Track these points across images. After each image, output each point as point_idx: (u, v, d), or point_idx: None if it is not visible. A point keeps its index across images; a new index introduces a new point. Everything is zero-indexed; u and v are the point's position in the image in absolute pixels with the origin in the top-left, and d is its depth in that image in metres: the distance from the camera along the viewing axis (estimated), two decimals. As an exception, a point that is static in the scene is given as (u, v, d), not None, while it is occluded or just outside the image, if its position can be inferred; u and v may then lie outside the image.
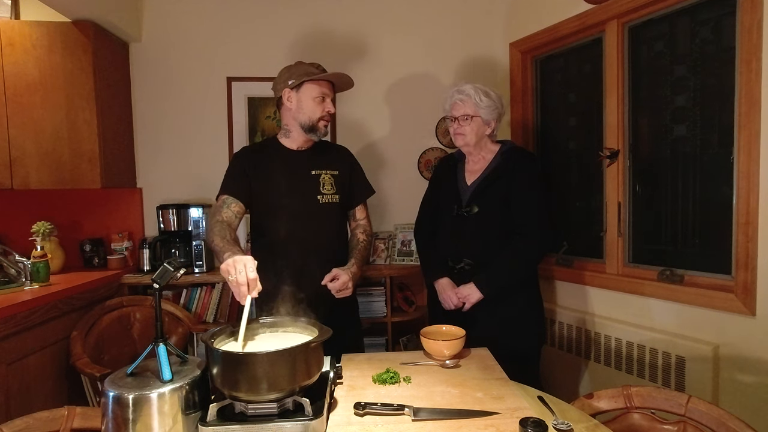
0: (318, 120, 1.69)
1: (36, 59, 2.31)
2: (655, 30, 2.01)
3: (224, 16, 2.72)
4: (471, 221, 1.81)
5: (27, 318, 1.86)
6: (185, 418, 0.98)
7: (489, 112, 1.82)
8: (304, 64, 1.71)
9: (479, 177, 1.86)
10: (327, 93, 1.69)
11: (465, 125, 1.82)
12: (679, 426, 1.18)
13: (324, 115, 1.69)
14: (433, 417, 1.05)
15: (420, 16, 2.79)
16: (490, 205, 1.80)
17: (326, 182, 1.73)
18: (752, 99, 1.62)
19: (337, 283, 1.57)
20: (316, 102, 1.67)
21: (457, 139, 1.87)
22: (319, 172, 1.73)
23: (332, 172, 1.75)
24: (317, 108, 1.68)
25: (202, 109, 2.74)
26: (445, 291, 1.82)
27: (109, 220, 2.70)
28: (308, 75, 1.66)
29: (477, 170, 1.89)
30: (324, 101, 1.69)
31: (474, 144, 1.85)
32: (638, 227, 2.12)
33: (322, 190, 1.72)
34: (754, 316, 1.65)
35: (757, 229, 1.63)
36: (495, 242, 1.79)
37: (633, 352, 1.97)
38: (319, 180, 1.73)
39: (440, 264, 1.89)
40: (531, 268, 1.84)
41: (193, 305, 2.55)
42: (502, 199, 1.79)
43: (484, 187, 1.82)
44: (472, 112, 1.81)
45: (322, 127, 1.70)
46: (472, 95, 1.81)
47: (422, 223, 2.05)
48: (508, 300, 1.78)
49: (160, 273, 1.05)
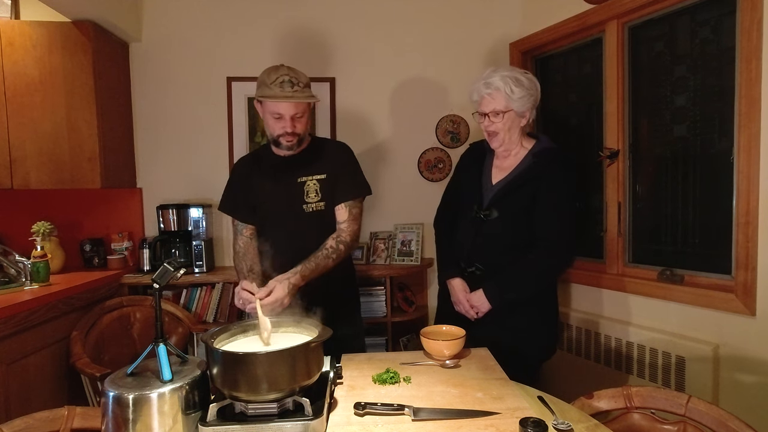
0: (278, 137, 1.60)
1: (36, 59, 2.31)
2: (655, 30, 2.01)
3: (224, 16, 2.72)
4: (488, 226, 1.69)
5: (27, 318, 1.86)
6: (185, 418, 0.98)
7: (523, 102, 1.64)
8: (269, 73, 1.55)
9: (506, 178, 1.71)
10: (284, 111, 1.55)
11: (497, 121, 1.65)
12: (679, 426, 1.18)
13: (282, 133, 1.58)
14: (433, 417, 1.05)
15: (420, 15, 2.79)
16: (510, 212, 1.67)
17: (311, 189, 1.65)
18: (752, 99, 1.62)
19: (268, 299, 1.37)
20: (274, 119, 1.58)
21: (492, 141, 1.71)
22: (305, 179, 1.66)
23: (319, 176, 1.66)
24: (275, 125, 1.58)
25: (202, 109, 2.74)
26: (457, 294, 1.74)
27: (109, 220, 2.70)
28: (261, 92, 1.55)
29: (506, 167, 1.73)
30: (281, 119, 1.56)
31: (509, 140, 1.69)
32: (638, 227, 2.12)
33: (307, 199, 1.64)
34: (754, 316, 1.65)
35: (757, 229, 1.63)
36: (510, 251, 1.67)
37: (633, 352, 1.97)
38: (304, 188, 1.65)
39: (455, 263, 1.78)
40: (545, 282, 1.73)
41: (193, 305, 2.55)
42: (525, 207, 1.65)
43: (508, 192, 1.68)
44: (503, 107, 1.64)
45: (284, 142, 1.60)
46: (501, 88, 1.62)
47: (442, 216, 1.92)
48: (521, 310, 1.68)
49: (160, 273, 1.05)
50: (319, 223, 1.66)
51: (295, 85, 1.53)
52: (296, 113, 1.56)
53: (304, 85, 1.56)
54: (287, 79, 1.52)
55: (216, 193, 2.76)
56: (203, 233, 2.64)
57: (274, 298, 1.39)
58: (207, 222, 2.66)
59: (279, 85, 1.52)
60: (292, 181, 1.66)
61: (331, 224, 1.68)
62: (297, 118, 1.58)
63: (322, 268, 1.56)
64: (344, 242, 1.63)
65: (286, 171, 1.67)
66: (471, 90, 1.74)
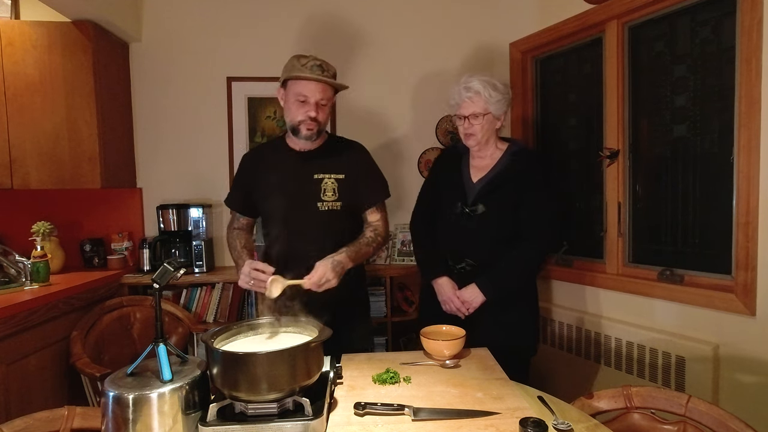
0: (298, 123, 1.55)
1: (36, 59, 2.31)
2: (655, 30, 2.01)
3: (224, 16, 2.72)
4: (476, 221, 1.74)
5: (27, 318, 1.85)
6: (185, 418, 0.98)
7: (499, 106, 1.74)
8: (299, 58, 1.55)
9: (486, 175, 1.79)
10: (310, 94, 1.52)
11: (476, 124, 1.73)
12: (679, 426, 1.18)
13: (304, 119, 1.54)
14: (433, 417, 1.05)
15: (420, 16, 2.79)
16: (497, 206, 1.73)
17: (328, 188, 1.61)
18: (752, 99, 1.62)
19: (314, 276, 1.41)
20: (298, 103, 1.54)
21: (468, 140, 1.77)
22: (322, 176, 1.62)
23: (337, 176, 1.63)
24: (298, 110, 1.54)
25: (202, 109, 2.74)
26: (446, 292, 1.76)
27: (109, 220, 2.70)
28: (289, 73, 1.54)
29: (484, 167, 1.81)
30: (305, 103, 1.53)
31: (485, 141, 1.78)
32: (638, 227, 2.12)
33: (323, 197, 1.61)
34: (754, 316, 1.65)
35: (757, 229, 1.63)
36: (498, 244, 1.73)
37: (633, 352, 1.97)
38: (321, 185, 1.61)
39: (440, 262, 1.81)
40: (533, 273, 1.82)
41: (193, 305, 2.55)
42: (510, 202, 1.72)
43: (492, 188, 1.75)
44: (482, 109, 1.72)
45: (304, 130, 1.56)
46: (481, 91, 1.71)
47: (421, 217, 1.94)
48: (509, 304, 1.74)
49: (160, 273, 1.05)
50: (330, 222, 1.62)
51: (325, 71, 1.54)
52: (322, 98, 1.55)
53: (332, 75, 1.57)
54: (317, 64, 1.53)
55: (216, 193, 2.79)
56: (203, 233, 2.64)
57: (318, 275, 1.41)
58: (207, 222, 2.66)
59: (309, 68, 1.51)
60: (307, 176, 1.62)
61: (345, 222, 1.66)
62: (321, 105, 1.56)
63: (363, 254, 1.61)
64: (381, 235, 1.68)
65: (302, 165, 1.63)
66: (449, 95, 1.82)
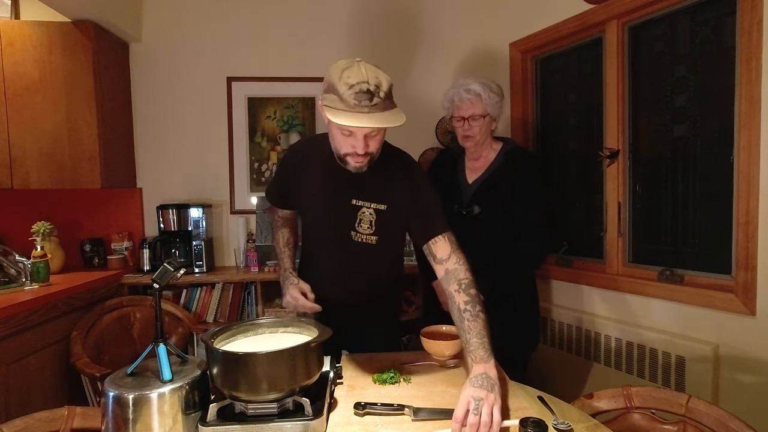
0: (344, 155, 1.28)
1: (36, 59, 2.31)
2: (655, 30, 2.01)
3: (224, 16, 2.72)
4: (471, 221, 1.77)
5: (27, 318, 1.86)
6: (185, 418, 0.98)
7: (496, 107, 1.75)
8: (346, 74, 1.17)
9: (481, 176, 1.81)
10: (357, 130, 1.20)
11: (475, 125, 1.74)
12: (679, 426, 1.18)
13: (351, 153, 1.26)
14: (433, 417, 1.05)
15: (420, 16, 2.79)
16: (491, 206, 1.76)
17: (365, 219, 1.39)
18: (752, 99, 1.62)
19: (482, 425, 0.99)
20: (344, 135, 1.24)
21: (466, 142, 1.78)
22: (361, 204, 1.38)
23: (378, 206, 1.38)
24: (343, 141, 1.25)
25: (202, 109, 2.74)
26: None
27: (109, 220, 2.70)
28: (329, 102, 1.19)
29: (478, 168, 1.83)
30: (351, 136, 1.23)
31: (482, 142, 1.79)
32: (638, 227, 2.12)
33: (358, 228, 1.39)
34: (754, 316, 1.65)
35: (757, 229, 1.63)
36: (494, 244, 1.75)
37: (633, 352, 1.97)
38: (357, 214, 1.39)
39: None
40: (532, 272, 1.82)
41: (193, 305, 2.55)
42: (505, 201, 1.74)
43: (487, 188, 1.78)
44: (482, 111, 1.72)
45: (352, 163, 1.28)
46: (481, 93, 1.71)
47: None
48: (509, 303, 1.75)
49: (160, 273, 1.05)
50: (363, 254, 1.42)
51: (375, 96, 1.15)
52: (371, 131, 1.23)
53: (386, 95, 1.18)
54: (366, 89, 1.14)
55: (216, 193, 2.79)
56: (203, 233, 2.64)
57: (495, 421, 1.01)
58: (207, 222, 2.66)
59: (355, 96, 1.14)
60: (345, 201, 1.39)
61: (378, 259, 1.47)
62: (372, 136, 1.24)
63: (484, 332, 1.19)
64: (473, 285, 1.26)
65: (341, 185, 1.38)
66: (448, 96, 1.80)
